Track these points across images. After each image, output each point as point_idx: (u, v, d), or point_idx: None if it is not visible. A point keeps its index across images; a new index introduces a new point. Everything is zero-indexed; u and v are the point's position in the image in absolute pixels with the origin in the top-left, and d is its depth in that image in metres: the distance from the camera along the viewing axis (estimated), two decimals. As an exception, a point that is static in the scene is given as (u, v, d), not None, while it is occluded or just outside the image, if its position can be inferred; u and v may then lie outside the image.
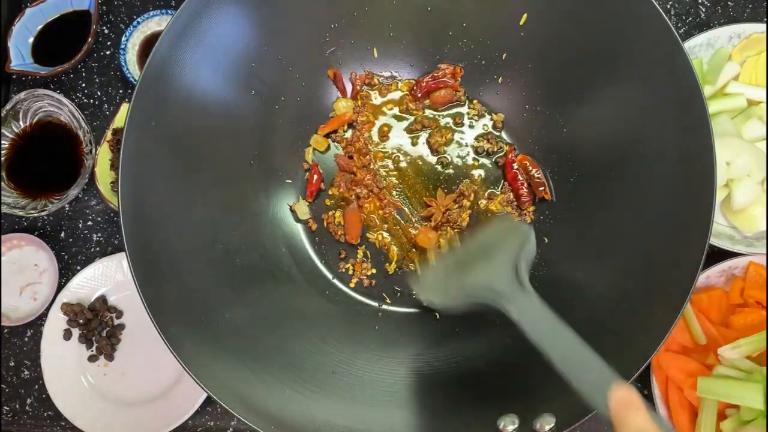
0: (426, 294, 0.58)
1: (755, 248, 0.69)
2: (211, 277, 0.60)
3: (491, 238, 0.57)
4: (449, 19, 0.68)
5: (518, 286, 0.47)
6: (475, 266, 0.53)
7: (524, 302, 0.46)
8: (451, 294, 0.54)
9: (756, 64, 0.74)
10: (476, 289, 0.50)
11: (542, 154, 0.70)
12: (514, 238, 0.53)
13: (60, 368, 0.76)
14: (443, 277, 0.58)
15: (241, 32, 0.62)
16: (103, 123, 0.82)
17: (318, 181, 0.72)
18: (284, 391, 0.56)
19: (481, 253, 0.55)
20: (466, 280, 0.53)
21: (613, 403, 0.36)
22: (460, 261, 0.58)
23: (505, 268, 0.49)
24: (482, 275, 0.51)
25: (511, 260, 0.50)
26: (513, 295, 0.46)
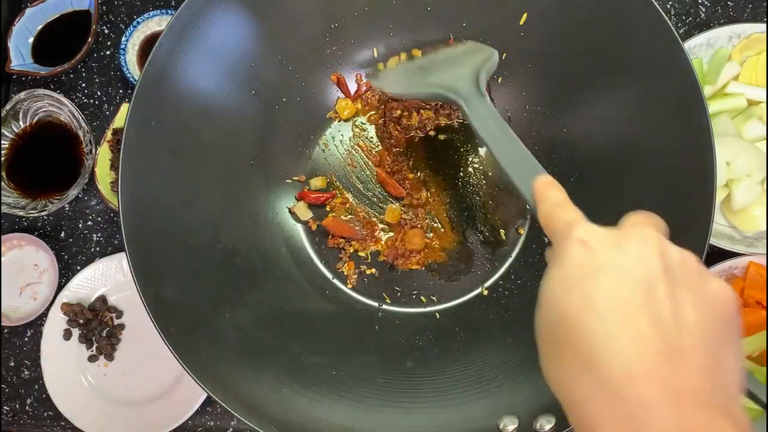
0: (385, 84, 0.63)
1: (755, 248, 0.69)
2: (211, 277, 0.60)
3: (457, 53, 0.62)
4: (449, 19, 0.68)
5: (476, 89, 0.52)
6: (439, 71, 0.59)
7: (479, 103, 0.51)
8: (412, 87, 0.60)
9: (756, 64, 0.74)
10: (436, 86, 0.56)
11: (542, 154, 0.70)
12: (480, 55, 0.58)
13: (60, 368, 0.76)
14: (405, 76, 0.63)
15: (241, 32, 0.62)
16: (103, 123, 0.82)
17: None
18: (284, 391, 0.56)
19: (446, 62, 0.60)
20: (428, 79, 0.59)
21: (536, 185, 0.41)
22: (422, 66, 0.63)
23: (467, 75, 0.54)
24: (445, 78, 0.56)
25: (474, 68, 0.55)
26: (470, 95, 0.52)
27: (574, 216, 0.37)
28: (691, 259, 0.32)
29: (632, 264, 0.31)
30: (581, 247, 0.33)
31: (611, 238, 0.33)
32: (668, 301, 0.29)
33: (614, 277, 0.30)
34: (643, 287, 0.30)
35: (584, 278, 0.31)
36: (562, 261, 0.33)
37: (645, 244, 0.32)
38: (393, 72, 0.66)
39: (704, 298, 0.30)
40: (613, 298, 0.30)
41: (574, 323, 0.31)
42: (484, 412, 0.55)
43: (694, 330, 0.29)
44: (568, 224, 0.35)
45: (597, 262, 0.32)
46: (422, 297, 0.70)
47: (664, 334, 0.28)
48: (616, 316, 0.29)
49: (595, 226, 0.34)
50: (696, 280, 0.31)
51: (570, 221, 0.36)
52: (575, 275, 0.32)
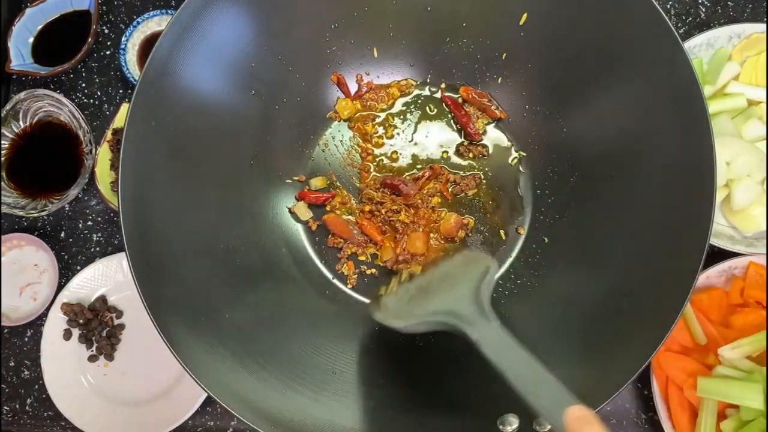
0: (387, 317, 0.59)
1: (755, 248, 0.69)
2: (211, 277, 0.60)
3: (454, 268, 0.60)
4: (449, 19, 0.68)
5: (480, 311, 0.49)
6: (438, 292, 0.56)
7: (485, 327, 0.48)
8: (413, 318, 0.55)
9: (756, 64, 0.74)
10: (438, 314, 0.52)
11: (542, 154, 0.70)
12: (476, 268, 0.56)
13: (60, 368, 0.76)
14: (405, 302, 0.59)
15: (241, 32, 0.62)
16: (103, 123, 0.82)
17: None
18: (284, 391, 0.56)
19: (444, 281, 0.58)
20: (428, 305, 0.55)
21: (570, 419, 0.37)
22: (422, 287, 0.60)
23: (467, 295, 0.51)
24: (445, 301, 0.53)
25: (473, 287, 0.52)
26: (474, 320, 0.49)
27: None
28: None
29: None
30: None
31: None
32: None
33: None
34: None
35: None
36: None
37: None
38: (393, 300, 0.62)
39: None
40: None
41: None
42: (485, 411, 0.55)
43: None
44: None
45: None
46: (422, 297, 0.70)
47: None
48: None
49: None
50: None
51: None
52: None
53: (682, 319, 0.64)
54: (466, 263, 0.59)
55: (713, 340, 0.67)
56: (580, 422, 0.37)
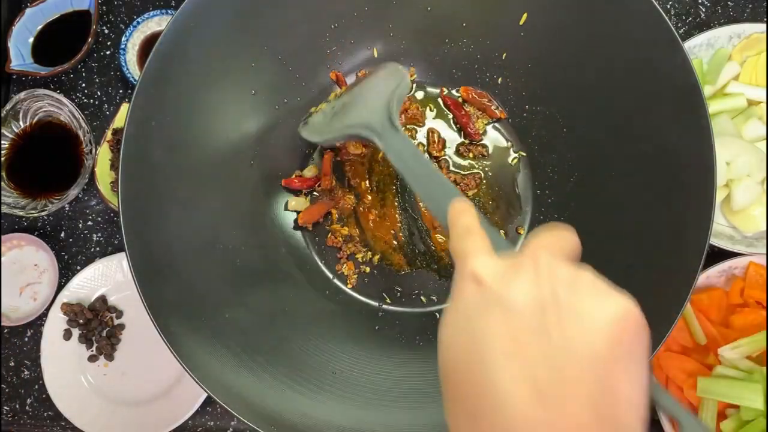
0: (311, 134, 0.63)
1: (755, 248, 0.69)
2: (212, 277, 0.60)
3: (374, 82, 0.62)
4: (449, 19, 0.68)
5: (389, 123, 0.52)
6: (356, 106, 0.60)
7: (392, 136, 0.51)
8: (332, 132, 0.60)
9: (756, 64, 0.74)
10: (353, 126, 0.56)
11: (542, 154, 0.70)
12: (391, 80, 0.59)
13: (60, 368, 0.76)
14: (330, 118, 0.63)
15: (240, 32, 0.62)
16: (103, 123, 0.82)
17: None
18: (284, 391, 0.56)
19: (363, 95, 0.60)
20: (346, 119, 0.59)
21: (450, 211, 0.39)
22: (345, 103, 0.63)
23: (380, 107, 0.54)
24: (360, 114, 0.57)
25: (385, 99, 0.55)
26: (383, 130, 0.52)
27: (475, 246, 0.34)
28: (583, 279, 0.30)
29: (517, 299, 0.29)
30: (472, 284, 0.31)
31: (503, 270, 0.31)
32: (552, 336, 0.27)
33: (499, 317, 0.28)
34: (527, 324, 0.28)
35: (471, 319, 0.30)
36: (455, 299, 0.32)
37: (533, 272, 0.29)
38: (318, 117, 0.65)
39: (593, 321, 0.28)
40: (497, 340, 0.28)
41: (463, 368, 0.29)
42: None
43: (579, 362, 0.27)
44: (464, 255, 0.33)
45: (485, 300, 0.30)
46: (422, 297, 0.70)
47: (546, 374, 0.26)
48: (500, 360, 0.27)
49: (490, 258, 0.32)
50: (587, 301, 0.28)
51: (467, 252, 0.33)
52: (464, 316, 0.30)
53: (682, 319, 0.64)
54: (385, 76, 0.62)
55: (713, 340, 0.67)
56: (458, 212, 0.38)
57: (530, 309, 0.28)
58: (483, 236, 0.35)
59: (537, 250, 0.31)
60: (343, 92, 0.66)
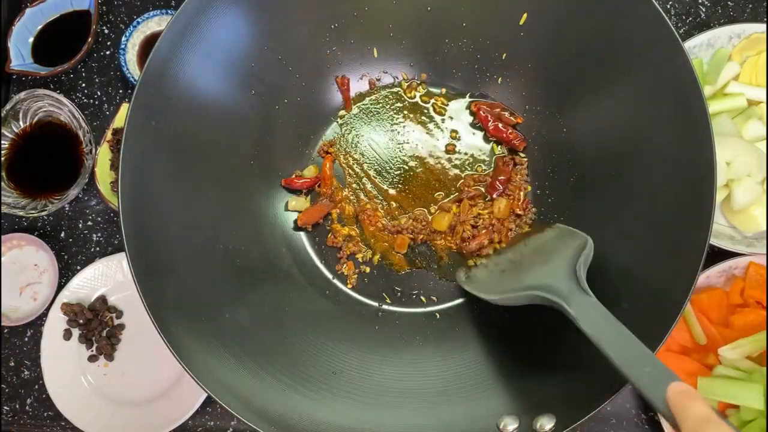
0: (478, 289, 0.60)
1: (755, 248, 0.69)
2: (211, 277, 0.60)
3: (547, 242, 0.59)
4: (449, 19, 0.68)
5: (577, 286, 0.49)
6: (532, 267, 0.56)
7: (583, 303, 0.47)
8: (507, 291, 0.55)
9: (756, 64, 0.74)
10: (533, 288, 0.52)
11: (542, 154, 0.70)
12: (573, 242, 0.55)
13: (60, 368, 0.76)
14: (498, 275, 0.59)
15: (241, 32, 0.62)
16: (103, 123, 0.82)
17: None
18: (284, 391, 0.56)
19: (538, 255, 0.57)
20: (523, 279, 0.55)
21: (671, 395, 0.37)
22: (514, 261, 0.59)
23: (564, 269, 0.51)
24: (541, 275, 0.53)
25: (569, 262, 0.51)
26: (572, 295, 0.48)
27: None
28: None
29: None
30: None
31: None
32: None
33: None
34: None
35: None
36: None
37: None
38: (484, 272, 0.62)
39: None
40: None
41: None
42: (485, 411, 0.55)
43: None
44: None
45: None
46: (422, 297, 0.70)
47: None
48: None
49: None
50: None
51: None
52: None
53: (682, 319, 0.64)
54: (559, 237, 0.59)
55: (713, 340, 0.67)
56: (682, 397, 0.36)
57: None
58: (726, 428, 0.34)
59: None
60: (503, 247, 0.63)
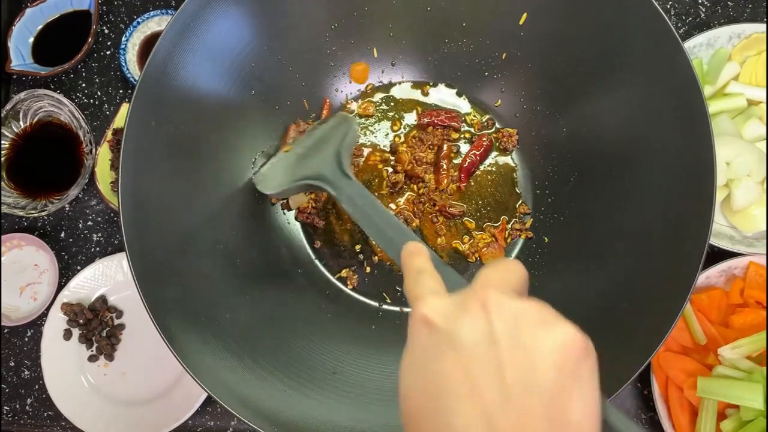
0: (264, 187, 0.64)
1: (755, 248, 0.69)
2: (211, 277, 0.60)
3: (325, 132, 0.64)
4: (449, 19, 0.68)
5: (340, 171, 0.54)
6: (309, 156, 0.61)
7: (344, 184, 0.53)
8: (285, 183, 0.61)
9: (756, 64, 0.74)
10: (307, 178, 0.58)
11: (542, 154, 0.70)
12: (340, 129, 0.61)
13: (60, 368, 0.76)
14: (282, 170, 0.64)
15: (241, 32, 0.62)
16: (103, 123, 0.82)
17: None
18: (284, 390, 0.56)
19: (316, 144, 0.63)
20: (299, 170, 0.61)
21: (403, 255, 0.39)
22: (299, 155, 0.64)
23: (330, 155, 0.56)
24: (313, 165, 0.58)
25: (334, 150, 0.57)
26: (335, 179, 0.54)
27: (426, 288, 0.35)
28: (529, 313, 0.30)
29: (467, 338, 0.29)
30: (423, 327, 0.31)
31: (452, 310, 0.31)
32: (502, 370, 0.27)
33: (451, 358, 0.29)
34: (477, 362, 0.28)
35: (426, 362, 0.30)
36: (409, 343, 0.32)
37: (481, 309, 0.30)
38: (271, 170, 0.67)
39: (539, 352, 0.28)
40: (451, 382, 0.28)
41: (422, 412, 0.29)
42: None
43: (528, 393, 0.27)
44: (416, 299, 0.33)
45: (436, 341, 0.30)
46: (422, 297, 0.69)
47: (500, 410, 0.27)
48: (455, 401, 0.28)
49: (440, 299, 0.32)
50: (532, 334, 0.29)
51: (418, 295, 0.34)
52: (419, 359, 0.31)
53: (682, 319, 0.65)
54: (334, 126, 0.64)
55: (713, 340, 0.67)
56: (410, 253, 0.39)
57: (480, 346, 0.28)
58: (435, 276, 0.36)
59: (484, 287, 0.31)
60: (295, 144, 0.67)
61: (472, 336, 0.29)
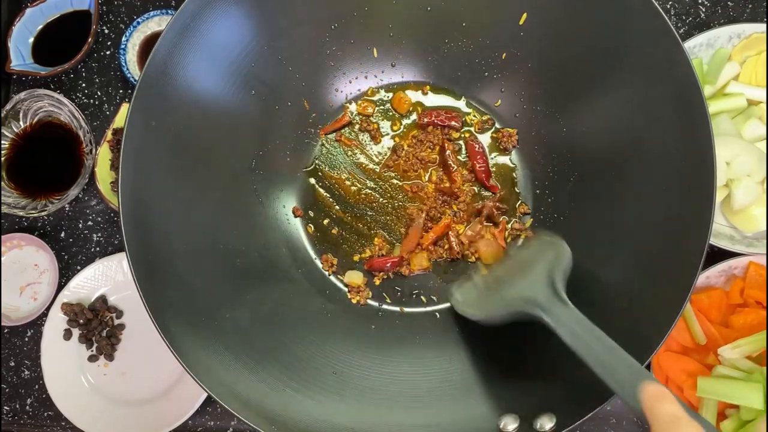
0: (466, 308, 0.61)
1: (755, 248, 0.69)
2: (212, 277, 0.60)
3: (528, 254, 0.60)
4: (449, 19, 0.68)
5: (555, 296, 0.49)
6: (513, 280, 0.56)
7: (561, 312, 0.48)
8: (490, 307, 0.56)
9: (756, 64, 0.74)
10: (514, 301, 0.53)
11: (542, 154, 0.70)
12: (550, 252, 0.56)
13: (60, 368, 0.76)
14: (483, 291, 0.61)
15: (241, 32, 0.62)
16: (103, 123, 0.82)
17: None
18: (284, 390, 0.56)
19: (519, 268, 0.58)
20: (505, 293, 0.56)
21: (645, 396, 0.37)
22: (499, 278, 0.60)
23: (541, 280, 0.51)
24: (521, 288, 0.53)
25: (547, 272, 0.52)
26: (550, 305, 0.49)
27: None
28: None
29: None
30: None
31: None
32: None
33: None
34: None
35: None
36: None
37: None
38: (471, 289, 0.63)
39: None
40: None
41: None
42: (485, 411, 0.55)
43: None
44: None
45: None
46: (422, 297, 0.70)
47: None
48: None
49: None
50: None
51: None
52: None
53: (682, 319, 0.64)
54: (540, 248, 0.59)
55: (713, 340, 0.67)
56: (656, 398, 0.37)
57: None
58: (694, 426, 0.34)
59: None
60: (494, 266, 0.65)
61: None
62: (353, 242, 0.71)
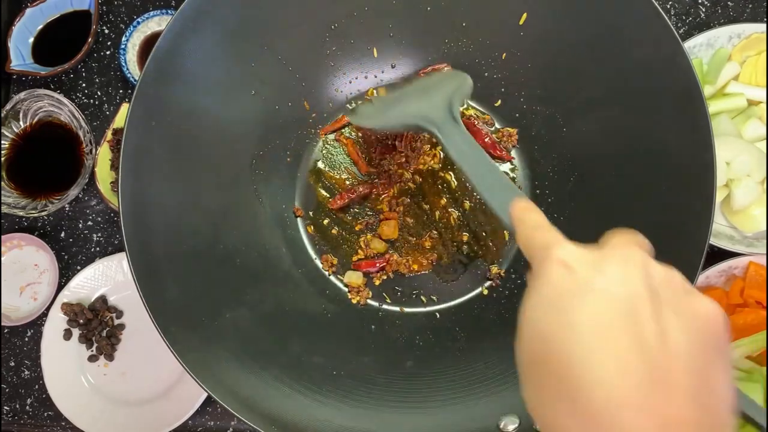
0: (362, 119, 0.64)
1: (755, 248, 0.69)
2: (212, 276, 0.60)
3: (431, 81, 0.63)
4: (449, 19, 0.68)
5: (450, 116, 0.53)
6: (413, 100, 0.60)
7: (453, 130, 0.52)
8: (387, 119, 0.61)
9: (756, 64, 0.74)
10: (412, 116, 0.57)
11: (542, 154, 0.70)
12: (453, 80, 0.60)
13: (60, 368, 0.76)
14: (382, 108, 0.64)
15: (241, 32, 0.62)
16: (103, 123, 0.82)
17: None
18: (285, 390, 0.56)
19: (421, 90, 0.62)
20: (404, 109, 0.60)
21: (515, 209, 0.40)
22: (399, 96, 0.64)
23: (440, 101, 0.55)
24: (420, 107, 0.57)
25: (447, 95, 0.56)
26: (444, 123, 0.53)
27: (554, 237, 0.35)
28: (676, 278, 0.30)
29: (615, 286, 0.29)
30: (561, 269, 0.31)
31: (593, 258, 0.31)
32: (653, 325, 0.27)
33: (596, 300, 0.29)
34: (626, 310, 0.28)
35: (565, 301, 0.30)
36: (542, 284, 0.32)
37: (628, 264, 0.30)
38: (369, 106, 0.67)
39: (691, 318, 0.28)
40: (595, 323, 0.28)
41: (554, 350, 0.29)
42: (485, 411, 0.55)
43: (680, 353, 0.27)
44: (547, 246, 0.33)
45: (578, 284, 0.30)
46: (422, 297, 0.70)
47: (649, 359, 0.26)
48: (599, 341, 0.27)
49: (576, 247, 0.32)
50: (682, 299, 0.29)
51: (549, 242, 0.34)
52: (555, 299, 0.30)
53: (682, 319, 0.64)
54: (444, 78, 0.63)
55: (713, 340, 0.67)
56: (524, 210, 0.39)
57: (624, 298, 0.28)
58: (556, 230, 0.36)
59: (627, 245, 0.32)
60: (395, 87, 0.68)
61: (617, 286, 0.29)
62: (353, 242, 0.71)
